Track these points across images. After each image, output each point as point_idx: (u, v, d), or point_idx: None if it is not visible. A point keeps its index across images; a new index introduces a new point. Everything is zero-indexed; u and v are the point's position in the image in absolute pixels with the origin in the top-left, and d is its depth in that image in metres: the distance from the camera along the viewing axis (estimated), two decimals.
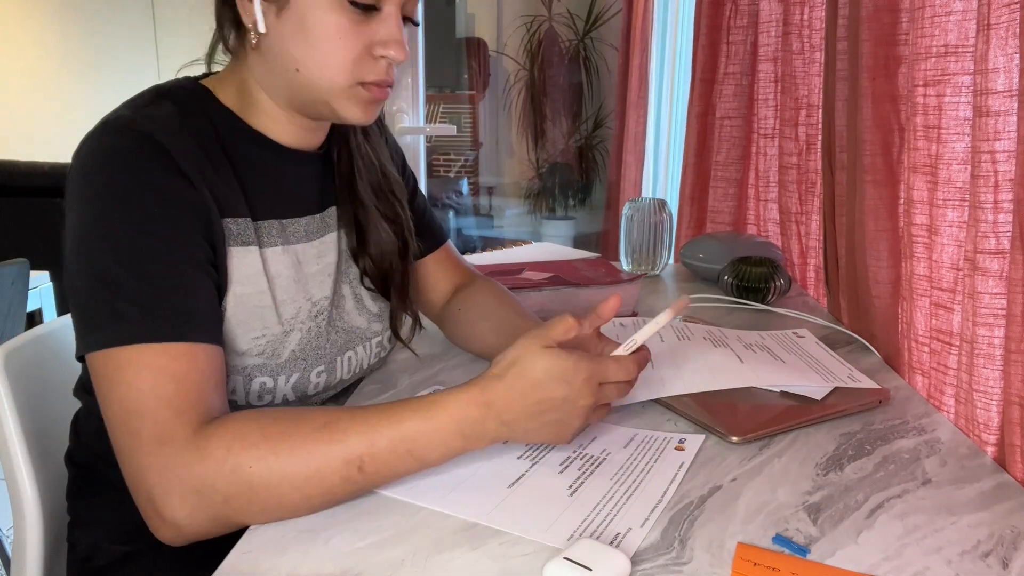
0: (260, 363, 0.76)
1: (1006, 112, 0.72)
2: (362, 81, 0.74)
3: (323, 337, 0.82)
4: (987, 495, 0.67)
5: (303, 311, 0.80)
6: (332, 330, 0.84)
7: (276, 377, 0.77)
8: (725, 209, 1.69)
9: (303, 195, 0.83)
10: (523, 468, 0.70)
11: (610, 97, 4.34)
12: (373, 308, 0.90)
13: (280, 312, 0.78)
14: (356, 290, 0.88)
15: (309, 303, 0.81)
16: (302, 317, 0.80)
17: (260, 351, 0.76)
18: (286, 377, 0.78)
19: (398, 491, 0.66)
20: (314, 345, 0.81)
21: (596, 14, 4.54)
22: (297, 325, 0.79)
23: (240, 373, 0.75)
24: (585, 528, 0.60)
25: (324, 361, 0.82)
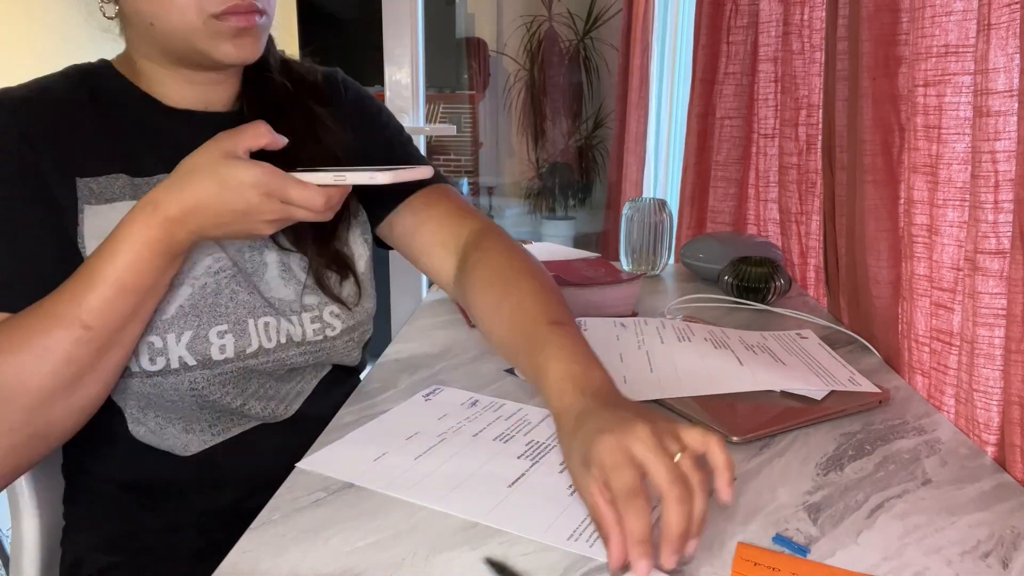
0: None
1: (1006, 112, 0.72)
2: (213, 14, 0.71)
3: (223, 294, 0.77)
4: (987, 495, 0.67)
5: (199, 267, 0.77)
6: (240, 291, 0.78)
7: (165, 336, 0.74)
8: (725, 209, 1.69)
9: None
10: (523, 467, 0.70)
11: (610, 97, 4.34)
12: (301, 277, 0.83)
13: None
14: (285, 259, 0.83)
15: (209, 258, 0.77)
16: (197, 273, 0.76)
17: None
18: (176, 335, 0.74)
19: (399, 491, 0.66)
20: (211, 302, 0.76)
21: (596, 14, 4.54)
22: (189, 280, 0.76)
23: None
24: (585, 528, 0.60)
25: (227, 321, 0.77)
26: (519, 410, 0.82)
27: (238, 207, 0.66)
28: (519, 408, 0.83)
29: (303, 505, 0.65)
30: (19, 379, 0.65)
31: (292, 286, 0.83)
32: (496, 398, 0.86)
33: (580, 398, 0.62)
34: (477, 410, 0.82)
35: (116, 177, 0.75)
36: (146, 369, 0.74)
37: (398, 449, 0.73)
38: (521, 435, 0.76)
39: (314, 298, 0.84)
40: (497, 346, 0.79)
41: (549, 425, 0.78)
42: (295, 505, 0.65)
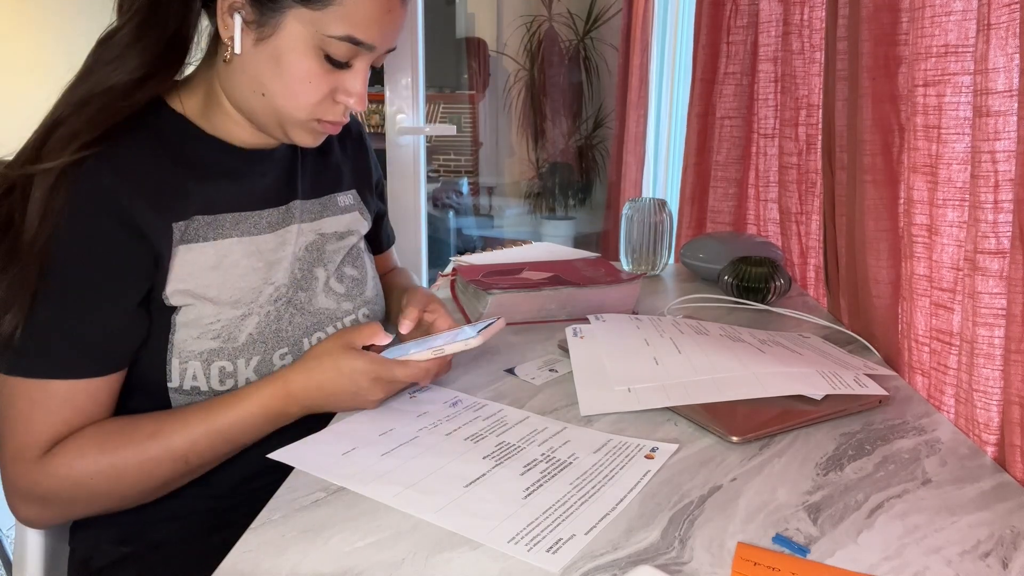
0: (216, 347, 0.79)
1: (1006, 112, 0.72)
2: (320, 119, 0.80)
3: (284, 320, 0.85)
4: (987, 495, 0.67)
5: (263, 295, 0.83)
6: (296, 312, 0.86)
7: (235, 361, 0.80)
8: (725, 209, 1.69)
9: (264, 190, 0.87)
10: (485, 468, 0.70)
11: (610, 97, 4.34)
12: (340, 289, 0.93)
13: (238, 298, 0.81)
14: (330, 273, 0.92)
15: (271, 287, 0.84)
16: (261, 301, 0.83)
17: (215, 335, 0.79)
18: (246, 360, 0.81)
19: (355, 484, 0.67)
20: (274, 328, 0.83)
21: (596, 14, 4.54)
22: (256, 309, 0.82)
23: (198, 359, 0.78)
24: (528, 532, 0.60)
25: (287, 343, 0.84)
26: (499, 411, 0.82)
27: (349, 389, 0.78)
28: (499, 409, 0.83)
29: (303, 505, 0.65)
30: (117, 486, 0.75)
31: (332, 297, 0.92)
32: (479, 399, 0.86)
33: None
34: (457, 409, 0.83)
35: (193, 220, 0.80)
36: (215, 389, 0.80)
37: (368, 444, 0.74)
38: (494, 436, 0.76)
39: (349, 303, 0.93)
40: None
41: (524, 426, 0.79)
42: (295, 505, 0.65)
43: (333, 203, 0.97)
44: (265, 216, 0.86)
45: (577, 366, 0.91)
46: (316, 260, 0.90)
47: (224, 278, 0.80)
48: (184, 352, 0.78)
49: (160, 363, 0.78)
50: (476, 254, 1.47)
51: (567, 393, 0.88)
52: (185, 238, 0.79)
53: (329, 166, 0.98)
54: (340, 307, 0.92)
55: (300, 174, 0.93)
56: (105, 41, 0.76)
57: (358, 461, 0.71)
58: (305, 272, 0.89)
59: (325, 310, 0.90)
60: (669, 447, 0.74)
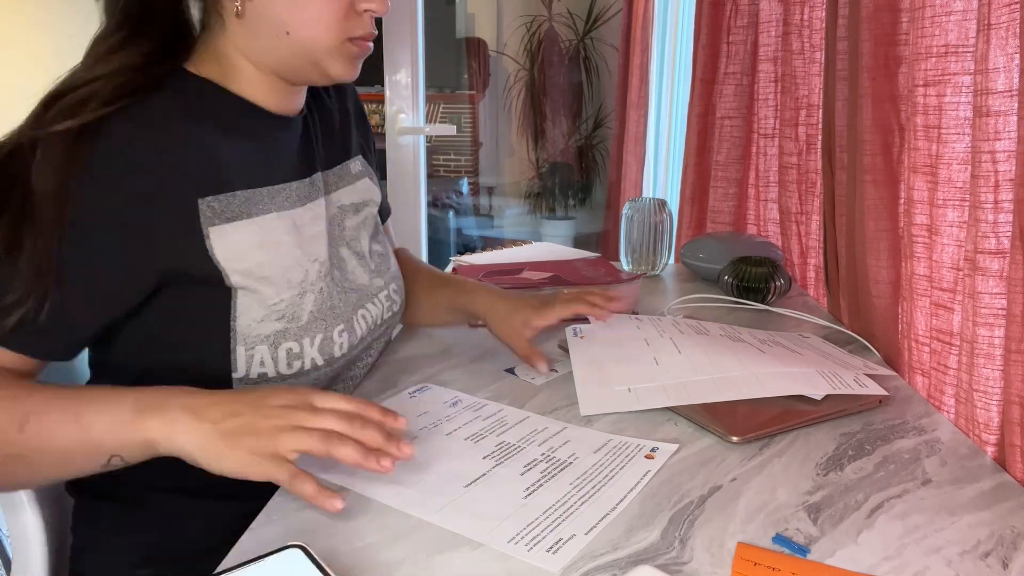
0: (282, 328, 0.77)
1: (1006, 112, 0.72)
2: (350, 36, 0.76)
3: (336, 296, 0.83)
4: (987, 495, 0.67)
5: (311, 273, 0.81)
6: (342, 290, 0.84)
7: (301, 340, 0.78)
8: (725, 209, 1.69)
9: (290, 161, 0.84)
10: (485, 468, 0.70)
11: (610, 97, 4.34)
12: (371, 264, 0.91)
13: (289, 276, 0.78)
14: (356, 249, 0.90)
15: (316, 264, 0.81)
16: (311, 279, 0.80)
17: (280, 315, 0.77)
18: (311, 339, 0.78)
19: (354, 484, 0.66)
20: (329, 305, 0.81)
21: (596, 14, 4.54)
22: (308, 287, 0.80)
23: (265, 342, 0.76)
24: (528, 532, 0.60)
25: (343, 320, 0.83)
26: (499, 411, 0.82)
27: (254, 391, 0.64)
28: (499, 409, 0.83)
29: (303, 505, 0.65)
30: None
31: (366, 272, 0.90)
32: (479, 399, 0.86)
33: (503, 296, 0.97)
34: (457, 409, 0.83)
35: (234, 195, 0.75)
36: (283, 374, 0.77)
37: None
38: (494, 435, 0.76)
39: (380, 279, 0.92)
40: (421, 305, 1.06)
41: (524, 426, 0.79)
42: (295, 505, 0.65)
43: (347, 171, 0.94)
44: (295, 189, 0.82)
45: (577, 366, 0.91)
46: (339, 237, 0.88)
47: (273, 256, 0.77)
48: (250, 337, 0.75)
49: (224, 352, 0.74)
50: (476, 254, 1.47)
51: (567, 393, 0.88)
52: (225, 215, 0.74)
53: (335, 133, 0.94)
54: (373, 283, 0.90)
55: (317, 145, 0.89)
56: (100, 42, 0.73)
57: None
58: (334, 250, 0.86)
59: (363, 286, 0.88)
60: (669, 447, 0.74)
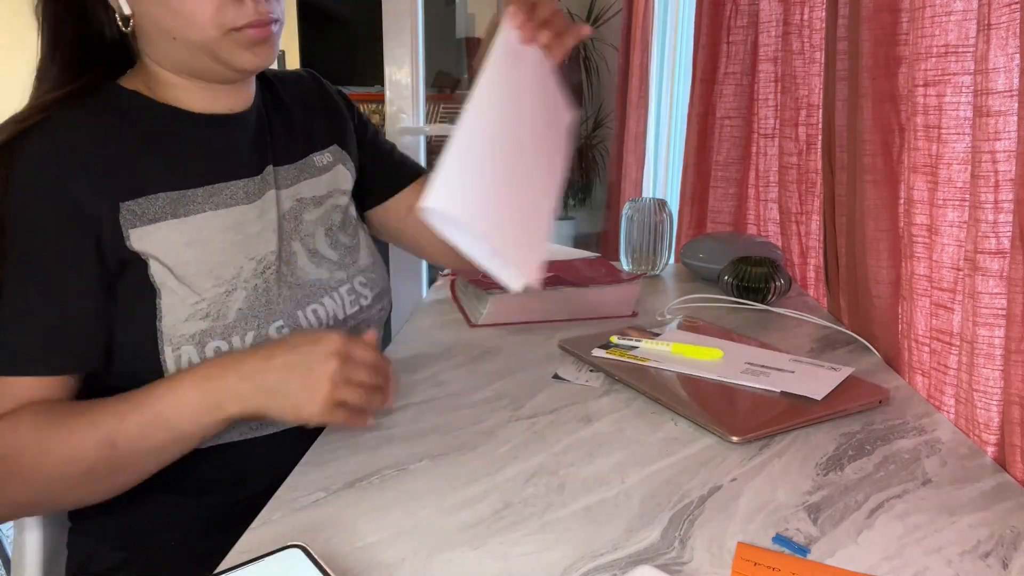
0: (207, 327, 0.76)
1: (1006, 112, 0.72)
2: (233, 27, 0.74)
3: (272, 292, 0.81)
4: (987, 495, 0.67)
5: (246, 270, 0.80)
6: (283, 286, 0.83)
7: (229, 339, 0.77)
8: (725, 209, 1.69)
9: (233, 159, 0.84)
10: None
11: (610, 97, 4.34)
12: (333, 256, 0.90)
13: (219, 273, 0.78)
14: (310, 245, 0.88)
15: (253, 261, 0.81)
16: (245, 275, 0.80)
17: (204, 314, 0.76)
18: (240, 337, 0.77)
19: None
20: (263, 301, 0.80)
21: (596, 14, 4.54)
22: (240, 284, 0.79)
23: (190, 342, 0.75)
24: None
25: (282, 316, 0.81)
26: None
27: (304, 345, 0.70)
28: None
29: (303, 505, 0.65)
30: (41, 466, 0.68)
31: (325, 266, 0.88)
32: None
33: None
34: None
35: (155, 197, 0.77)
36: None
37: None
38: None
39: (342, 272, 0.90)
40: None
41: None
42: (295, 505, 0.65)
43: (310, 165, 0.93)
44: (241, 186, 0.83)
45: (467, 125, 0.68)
46: (293, 231, 0.87)
47: (201, 254, 0.77)
48: (175, 337, 0.75)
49: (153, 354, 0.75)
50: None
51: (571, 391, 0.88)
52: (146, 217, 0.75)
53: (296, 129, 0.94)
54: (333, 276, 0.89)
55: (270, 140, 0.89)
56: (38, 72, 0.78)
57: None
58: (284, 245, 0.85)
59: (316, 281, 0.86)
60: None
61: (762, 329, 1.13)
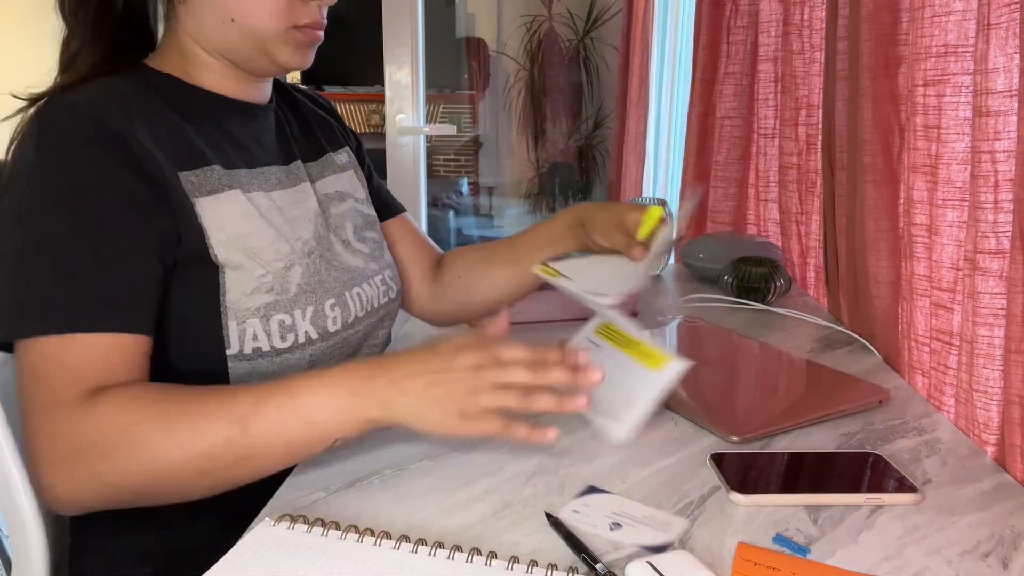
0: (272, 300, 0.76)
1: (1006, 112, 0.72)
2: (296, 24, 0.76)
3: (324, 272, 0.82)
4: (987, 495, 0.67)
5: (297, 248, 0.81)
6: (331, 268, 0.84)
7: (292, 312, 0.77)
8: (725, 209, 1.69)
9: (265, 146, 0.85)
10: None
11: (610, 97, 4.34)
12: (364, 249, 0.91)
13: (276, 247, 0.78)
14: (342, 236, 0.89)
15: (299, 242, 0.81)
16: (297, 254, 0.80)
17: (268, 287, 0.76)
18: (302, 311, 0.78)
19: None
20: (318, 279, 0.81)
21: (596, 14, 4.54)
22: (296, 260, 0.80)
23: (256, 315, 0.75)
24: None
25: (333, 294, 0.82)
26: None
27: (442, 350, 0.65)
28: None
29: (303, 505, 0.65)
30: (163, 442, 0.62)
31: (359, 256, 0.90)
32: None
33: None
34: None
35: (211, 169, 0.76)
36: (277, 347, 0.76)
37: None
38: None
39: (375, 264, 0.92)
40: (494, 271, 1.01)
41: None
42: (295, 505, 0.65)
43: (331, 162, 0.95)
44: (274, 172, 0.84)
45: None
46: (325, 223, 0.88)
47: (258, 228, 0.77)
48: (240, 311, 0.74)
49: (216, 329, 0.73)
50: None
51: None
52: (205, 188, 0.74)
53: (312, 129, 0.96)
54: (368, 267, 0.90)
55: (291, 136, 0.90)
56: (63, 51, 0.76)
57: None
58: (322, 232, 0.85)
59: (356, 267, 0.88)
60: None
61: (762, 329, 1.13)
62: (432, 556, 0.55)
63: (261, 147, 0.84)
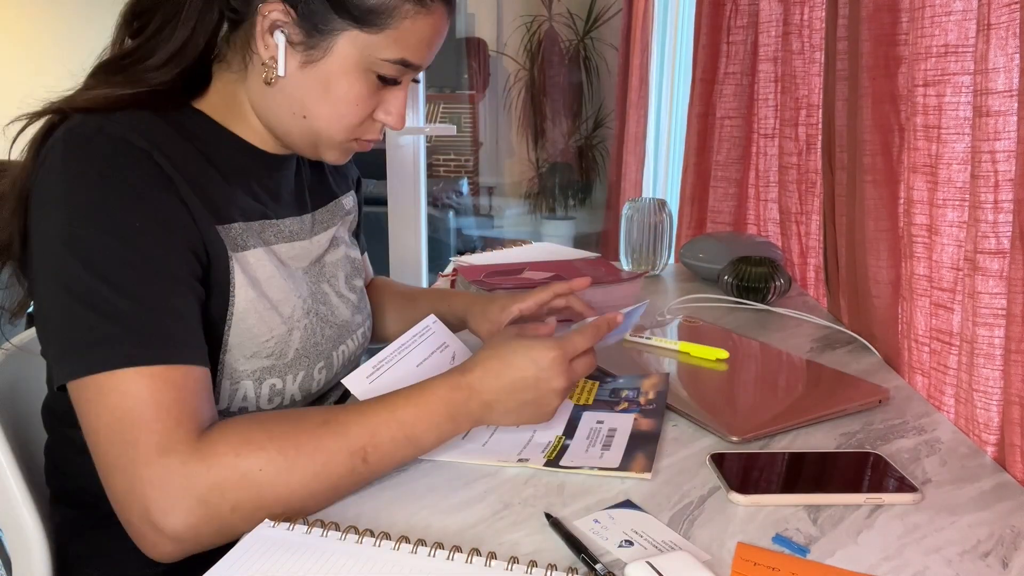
0: (269, 365, 0.76)
1: (1006, 112, 0.72)
2: (358, 137, 0.78)
3: (319, 333, 0.82)
4: (987, 495, 0.67)
5: (298, 309, 0.80)
6: (325, 325, 0.84)
7: (284, 377, 0.77)
8: (725, 209, 1.69)
9: (282, 199, 0.84)
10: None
11: (610, 97, 4.34)
12: (352, 298, 0.91)
13: (281, 311, 0.77)
14: (336, 286, 0.89)
15: (300, 300, 0.81)
16: (298, 315, 0.80)
17: (269, 352, 0.76)
18: (293, 376, 0.78)
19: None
20: (313, 342, 0.81)
21: (596, 14, 4.54)
22: (295, 323, 0.79)
23: (250, 378, 0.75)
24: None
25: (323, 357, 0.82)
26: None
27: (531, 372, 0.69)
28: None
29: None
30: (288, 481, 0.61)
31: (349, 307, 0.90)
32: None
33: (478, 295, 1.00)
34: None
35: (237, 225, 0.75)
36: (262, 407, 0.77)
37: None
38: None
39: (359, 315, 0.92)
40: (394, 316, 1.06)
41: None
42: None
43: (340, 207, 0.94)
44: (287, 225, 0.82)
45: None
46: (320, 273, 0.87)
47: (267, 290, 0.76)
48: (236, 372, 0.73)
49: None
50: (476, 254, 1.47)
51: None
52: (238, 244, 0.73)
53: (326, 171, 0.95)
54: (353, 319, 0.90)
55: (308, 183, 0.90)
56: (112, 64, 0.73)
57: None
58: (316, 287, 0.85)
59: (344, 321, 0.87)
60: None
61: (762, 329, 1.13)
62: (432, 557, 0.55)
63: (279, 199, 0.83)
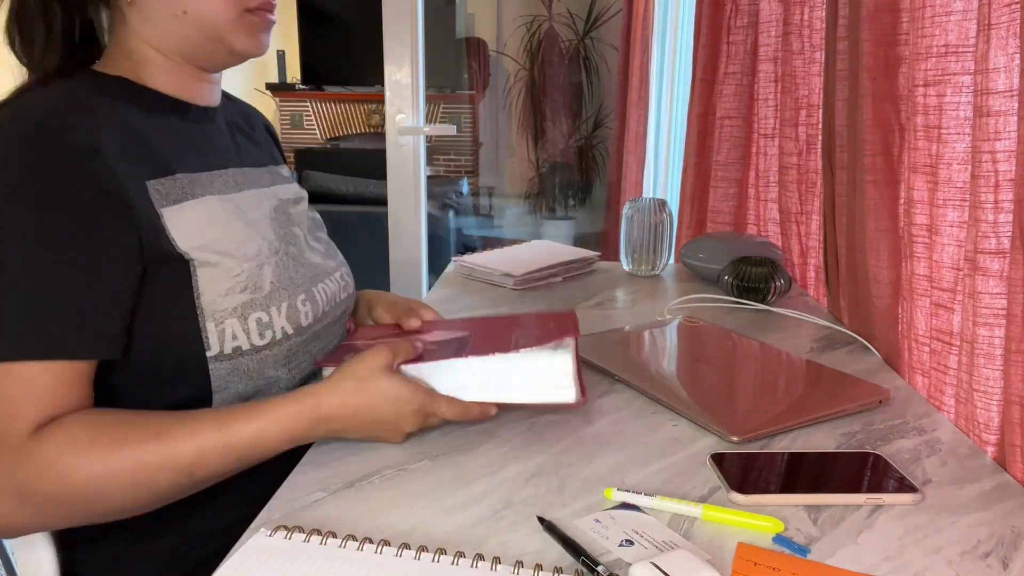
0: (248, 299, 0.77)
1: (1006, 112, 0.72)
2: (247, 8, 0.78)
3: (292, 269, 0.84)
4: (987, 495, 0.67)
5: (264, 248, 0.81)
6: (296, 264, 0.85)
7: (268, 310, 0.78)
8: (725, 209, 1.69)
9: (218, 149, 0.85)
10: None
11: (610, 97, 4.34)
12: (320, 248, 0.94)
13: (245, 250, 0.79)
14: (305, 232, 0.92)
15: (265, 241, 0.82)
16: (266, 253, 0.81)
17: (243, 286, 0.77)
18: (277, 308, 0.80)
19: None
20: (287, 276, 0.83)
21: (596, 14, 4.55)
22: (264, 260, 0.81)
23: (234, 315, 0.75)
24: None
25: (303, 290, 0.84)
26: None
27: (388, 418, 0.73)
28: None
29: (303, 505, 0.65)
30: (105, 493, 0.65)
31: (318, 253, 0.92)
32: None
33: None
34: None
35: (175, 178, 0.76)
36: (256, 345, 0.77)
37: None
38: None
39: (331, 261, 0.94)
40: None
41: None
42: (295, 505, 0.65)
43: (277, 174, 0.96)
44: (232, 175, 0.84)
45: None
46: (288, 220, 0.89)
47: (224, 233, 0.78)
48: (217, 312, 0.74)
49: (194, 332, 0.73)
50: (476, 254, 1.47)
51: None
52: (171, 197, 0.74)
53: (256, 141, 0.97)
54: (326, 263, 0.92)
55: (238, 142, 0.91)
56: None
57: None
58: (285, 231, 0.87)
59: (317, 264, 0.90)
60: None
61: (762, 329, 1.13)
62: (436, 563, 0.55)
63: (215, 150, 0.85)
